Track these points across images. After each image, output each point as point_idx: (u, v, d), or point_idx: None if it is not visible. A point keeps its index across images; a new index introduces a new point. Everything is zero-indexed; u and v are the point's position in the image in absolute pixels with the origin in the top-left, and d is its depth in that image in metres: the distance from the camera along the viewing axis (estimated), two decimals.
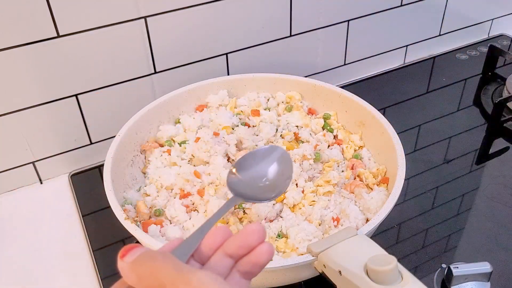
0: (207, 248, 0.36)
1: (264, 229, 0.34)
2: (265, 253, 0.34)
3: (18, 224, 0.73)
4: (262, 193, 0.52)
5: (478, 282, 0.60)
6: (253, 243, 0.34)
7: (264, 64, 0.89)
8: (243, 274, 0.35)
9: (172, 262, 0.31)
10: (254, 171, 0.54)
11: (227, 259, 0.35)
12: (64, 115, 0.76)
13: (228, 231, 0.36)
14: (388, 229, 0.70)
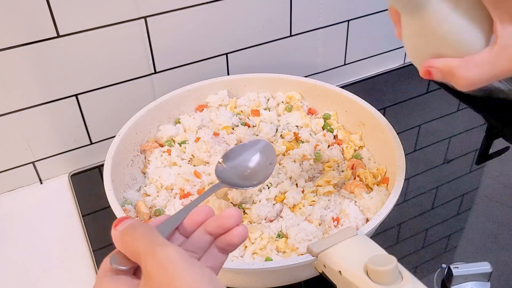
0: (191, 223, 0.41)
1: (240, 214, 0.39)
2: (239, 235, 0.39)
3: (18, 224, 0.73)
4: (245, 180, 0.60)
5: (478, 282, 0.60)
6: (230, 225, 0.39)
7: (264, 64, 0.89)
8: (220, 249, 0.40)
9: (150, 234, 0.35)
10: (237, 161, 0.62)
11: (207, 235, 0.40)
12: (64, 115, 0.76)
13: (211, 211, 0.41)
14: (388, 229, 0.70)
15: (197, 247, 0.40)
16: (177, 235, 0.41)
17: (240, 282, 0.57)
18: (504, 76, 0.41)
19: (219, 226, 0.39)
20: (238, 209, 0.39)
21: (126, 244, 0.36)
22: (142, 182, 0.70)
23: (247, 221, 0.63)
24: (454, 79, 0.42)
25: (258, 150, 0.63)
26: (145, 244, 0.34)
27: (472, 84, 0.42)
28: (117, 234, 0.37)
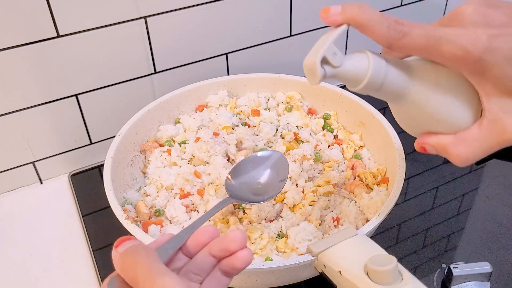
0: (194, 244, 0.40)
1: (245, 237, 0.38)
2: (243, 259, 0.38)
3: (18, 224, 0.73)
4: (255, 195, 0.59)
5: (478, 282, 0.60)
6: (234, 249, 0.38)
7: (264, 64, 0.89)
8: (224, 272, 0.39)
9: (151, 261, 0.34)
10: (247, 176, 0.61)
11: (211, 257, 0.39)
12: (64, 115, 0.76)
13: (215, 232, 0.40)
14: (388, 229, 0.70)
15: (200, 269, 0.39)
16: (180, 255, 0.40)
17: (240, 282, 0.57)
18: (497, 149, 0.41)
19: (223, 249, 0.38)
20: (243, 232, 0.38)
21: (126, 269, 0.35)
22: (142, 182, 0.70)
23: (247, 221, 0.63)
24: (448, 156, 0.43)
25: (269, 166, 0.62)
26: (145, 272, 0.34)
27: (466, 161, 0.42)
28: (117, 256, 0.36)
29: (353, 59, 0.40)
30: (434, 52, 0.38)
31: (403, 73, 0.41)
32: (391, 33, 0.38)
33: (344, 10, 0.39)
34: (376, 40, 0.39)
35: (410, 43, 0.38)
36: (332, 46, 0.39)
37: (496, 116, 0.40)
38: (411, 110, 0.42)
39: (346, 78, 0.41)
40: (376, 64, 0.40)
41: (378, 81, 0.40)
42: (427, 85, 0.41)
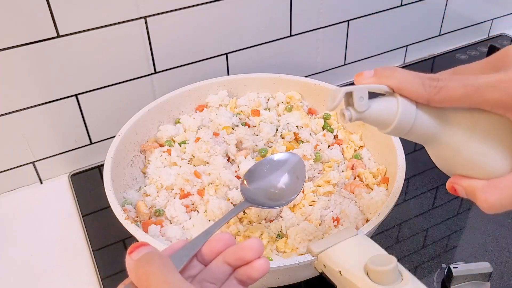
0: (209, 252, 0.39)
1: (262, 246, 0.37)
2: (259, 269, 0.37)
3: (18, 224, 0.73)
4: (271, 201, 0.57)
5: (478, 282, 0.60)
6: (250, 258, 0.37)
7: (264, 64, 0.89)
8: (239, 281, 0.38)
9: (166, 270, 0.33)
10: (264, 181, 0.59)
11: (226, 266, 0.38)
12: (64, 115, 0.76)
13: (231, 240, 0.39)
14: (388, 229, 0.70)
15: (215, 278, 0.38)
16: (195, 262, 0.39)
17: None
18: None
19: (239, 257, 0.37)
20: (260, 240, 0.37)
21: (140, 278, 0.34)
22: (142, 182, 0.70)
23: (247, 221, 0.63)
24: (476, 201, 0.42)
25: (287, 170, 0.59)
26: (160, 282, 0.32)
27: (493, 208, 0.40)
28: (132, 264, 0.34)
29: (382, 103, 0.40)
30: (476, 101, 0.38)
31: (435, 119, 0.40)
32: (427, 89, 0.38)
33: (377, 73, 0.40)
34: (413, 99, 0.39)
35: (448, 97, 0.38)
36: (364, 91, 0.39)
37: None
38: (445, 153, 0.42)
39: (372, 122, 0.41)
40: (405, 110, 0.39)
41: (406, 126, 0.40)
42: (461, 132, 0.40)
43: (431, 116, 0.39)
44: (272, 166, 0.60)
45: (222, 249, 0.39)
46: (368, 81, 0.40)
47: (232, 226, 0.62)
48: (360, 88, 0.39)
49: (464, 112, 0.39)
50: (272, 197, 0.58)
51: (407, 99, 0.39)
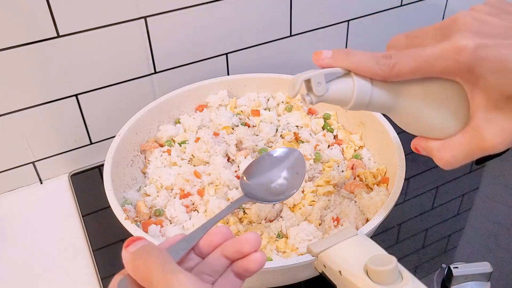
0: (207, 244, 0.39)
1: (259, 239, 0.38)
2: (256, 262, 0.38)
3: (18, 224, 0.73)
4: (271, 196, 0.57)
5: (478, 282, 0.60)
6: (247, 251, 0.38)
7: (264, 64, 0.89)
8: (236, 274, 0.39)
9: (163, 260, 0.34)
10: (263, 176, 0.59)
11: (224, 259, 0.39)
12: (64, 115, 0.76)
13: (228, 233, 0.39)
14: (388, 229, 0.70)
15: (213, 270, 0.39)
16: (192, 255, 0.40)
17: None
18: (477, 156, 0.43)
19: (236, 250, 0.38)
20: (257, 234, 0.38)
21: (137, 269, 0.34)
22: (142, 182, 0.70)
23: (247, 221, 0.63)
24: (434, 159, 0.46)
25: (287, 166, 0.60)
26: (158, 270, 0.33)
27: (448, 165, 0.44)
28: (128, 256, 0.35)
29: (339, 85, 0.43)
30: (427, 71, 0.41)
31: (390, 92, 0.43)
32: (382, 68, 0.42)
33: (334, 55, 0.43)
34: (370, 77, 0.43)
35: (401, 72, 0.41)
36: (321, 77, 0.43)
37: (478, 124, 0.42)
38: (404, 120, 0.46)
39: (332, 102, 0.44)
40: (361, 89, 0.43)
41: (364, 102, 0.43)
42: (415, 100, 0.43)
43: (386, 90, 0.43)
44: (271, 161, 0.60)
45: (220, 242, 0.39)
46: (325, 62, 0.44)
47: (232, 226, 0.62)
48: (317, 74, 0.43)
49: (416, 82, 0.43)
50: (272, 192, 0.58)
51: (362, 78, 0.43)
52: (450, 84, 0.42)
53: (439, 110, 0.43)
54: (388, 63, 0.41)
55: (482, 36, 0.39)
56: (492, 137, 0.41)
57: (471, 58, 0.39)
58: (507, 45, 0.38)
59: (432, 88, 0.43)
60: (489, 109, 0.41)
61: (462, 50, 0.39)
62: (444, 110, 0.43)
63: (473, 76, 0.40)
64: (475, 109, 0.42)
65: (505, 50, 0.38)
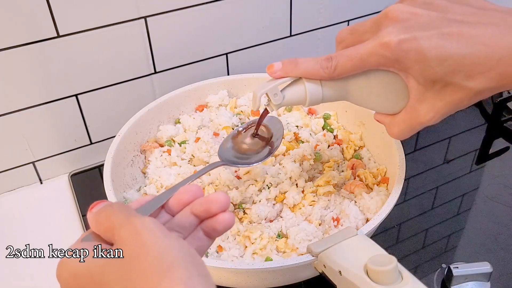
0: (176, 202, 0.40)
1: (227, 199, 0.38)
2: (223, 222, 0.38)
3: (18, 224, 0.73)
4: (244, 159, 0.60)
5: (478, 282, 0.60)
6: (215, 211, 0.38)
7: (264, 64, 0.88)
8: (205, 233, 0.39)
9: (126, 210, 0.34)
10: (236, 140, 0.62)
11: (193, 217, 0.39)
12: (64, 115, 0.76)
13: (198, 191, 0.40)
14: (388, 229, 0.70)
15: (182, 227, 0.39)
16: (163, 213, 0.40)
17: (240, 282, 0.57)
18: (419, 129, 0.50)
19: (205, 209, 0.38)
20: (226, 194, 0.38)
21: (101, 222, 0.35)
22: (142, 182, 0.70)
23: (247, 221, 0.63)
24: (387, 131, 0.54)
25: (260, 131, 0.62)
26: (120, 217, 0.34)
27: (398, 137, 0.53)
28: (92, 215, 0.36)
29: (292, 90, 0.52)
30: (364, 67, 0.48)
31: (339, 86, 0.51)
32: (325, 71, 0.49)
33: (284, 67, 0.51)
34: (318, 79, 0.50)
35: (342, 71, 0.48)
36: (275, 89, 0.51)
37: (413, 104, 0.49)
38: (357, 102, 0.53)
39: (290, 105, 0.55)
40: (312, 90, 0.51)
41: (318, 99, 0.51)
42: (361, 89, 0.51)
43: (335, 86, 0.51)
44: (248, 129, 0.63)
45: (190, 200, 0.40)
46: (277, 74, 0.51)
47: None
48: (272, 88, 0.51)
49: (360, 75, 0.50)
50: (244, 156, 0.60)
51: (312, 80, 0.51)
52: (389, 73, 0.49)
53: (384, 94, 0.51)
54: (330, 66, 0.48)
55: (406, 30, 0.45)
56: (425, 113, 0.48)
57: (396, 52, 0.45)
58: (427, 37, 0.44)
59: (375, 78, 0.50)
60: (421, 90, 0.47)
61: (387, 45, 0.45)
62: (388, 94, 0.51)
63: (402, 66, 0.47)
64: (410, 91, 0.48)
65: (424, 42, 0.44)
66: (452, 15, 0.45)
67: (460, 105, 0.47)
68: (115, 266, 0.31)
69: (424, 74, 0.46)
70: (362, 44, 0.47)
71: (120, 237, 0.32)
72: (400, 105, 0.51)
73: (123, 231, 0.32)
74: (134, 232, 0.32)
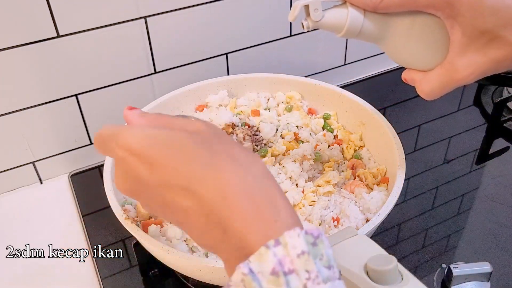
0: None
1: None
2: None
3: (18, 224, 0.73)
4: None
5: (478, 282, 0.60)
6: None
7: (264, 64, 0.89)
8: None
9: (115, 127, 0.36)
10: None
11: None
12: (64, 115, 0.76)
13: None
14: (388, 229, 0.70)
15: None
16: None
17: None
18: (452, 87, 0.48)
19: None
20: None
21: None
22: None
23: None
24: (417, 90, 0.51)
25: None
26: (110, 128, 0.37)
27: (428, 96, 0.50)
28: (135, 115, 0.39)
29: (334, 13, 0.48)
30: (412, 5, 0.45)
31: (380, 22, 0.48)
32: (372, 0, 0.46)
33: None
34: (363, 7, 0.47)
35: (389, 4, 0.46)
36: (318, 3, 0.48)
37: (452, 58, 0.46)
38: (391, 50, 0.51)
39: (327, 28, 0.50)
40: (354, 17, 0.47)
41: (356, 30, 0.48)
42: (402, 31, 0.48)
43: (377, 21, 0.48)
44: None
45: None
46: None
47: None
48: (315, 1, 0.48)
49: (404, 15, 0.47)
50: None
51: (355, 8, 0.48)
52: (434, 20, 0.46)
53: (423, 43, 0.48)
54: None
55: None
56: (463, 69, 0.46)
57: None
58: None
59: (418, 22, 0.47)
60: (464, 44, 0.45)
61: None
62: (428, 43, 0.48)
63: (452, 12, 0.44)
64: (452, 43, 0.46)
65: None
66: None
67: (501, 64, 0.45)
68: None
69: (474, 22, 0.44)
70: None
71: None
72: (437, 59, 0.48)
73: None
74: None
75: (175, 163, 0.32)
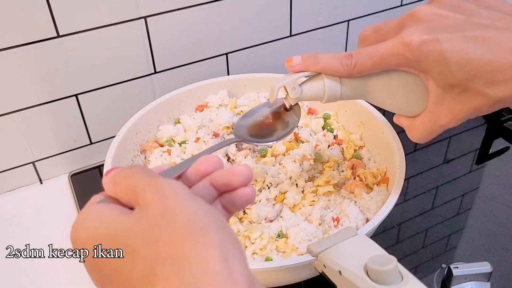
0: (195, 172, 0.38)
1: (251, 173, 0.36)
2: (245, 197, 0.36)
3: (18, 224, 0.73)
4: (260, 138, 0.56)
5: (478, 282, 0.60)
6: (237, 185, 0.36)
7: (264, 64, 0.89)
8: (224, 207, 0.37)
9: (148, 172, 0.33)
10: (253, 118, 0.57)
11: (212, 188, 0.37)
12: (64, 115, 0.76)
13: (219, 162, 0.38)
14: (388, 229, 0.70)
15: (200, 197, 0.36)
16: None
17: None
18: (439, 132, 0.49)
19: (225, 182, 0.36)
20: (249, 167, 0.35)
21: (118, 182, 0.33)
22: None
23: (247, 221, 0.63)
24: (407, 134, 0.52)
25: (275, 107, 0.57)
26: (143, 178, 0.32)
27: (418, 141, 0.51)
28: (108, 179, 0.34)
29: (311, 85, 0.50)
30: (384, 66, 0.47)
31: (358, 84, 0.50)
32: (345, 68, 0.48)
33: (303, 61, 0.49)
34: (337, 75, 0.49)
35: (362, 69, 0.47)
36: (293, 83, 0.50)
37: (432, 107, 0.48)
38: (375, 102, 0.52)
39: (308, 100, 0.53)
40: (331, 86, 0.49)
41: (336, 97, 0.50)
42: (380, 89, 0.50)
43: (354, 84, 0.50)
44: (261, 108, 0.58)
45: (209, 171, 0.37)
46: (296, 68, 0.49)
47: (232, 226, 0.62)
48: (291, 81, 0.50)
49: (380, 74, 0.49)
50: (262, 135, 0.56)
51: (331, 77, 0.49)
52: (410, 74, 0.48)
53: (403, 95, 0.50)
54: (350, 63, 0.47)
55: (429, 31, 0.43)
56: (444, 116, 0.47)
57: (416, 53, 0.44)
58: (449, 39, 0.43)
59: (395, 78, 0.49)
60: (440, 94, 0.46)
61: (408, 45, 0.44)
62: (408, 95, 0.49)
63: (422, 68, 0.45)
64: (430, 93, 0.47)
65: (446, 44, 0.43)
66: (479, 19, 0.44)
67: (479, 111, 0.46)
68: (142, 229, 0.30)
69: (444, 77, 0.44)
70: (383, 42, 0.46)
71: (145, 199, 0.30)
72: (420, 107, 0.49)
73: (148, 193, 0.30)
74: (160, 194, 0.30)
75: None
